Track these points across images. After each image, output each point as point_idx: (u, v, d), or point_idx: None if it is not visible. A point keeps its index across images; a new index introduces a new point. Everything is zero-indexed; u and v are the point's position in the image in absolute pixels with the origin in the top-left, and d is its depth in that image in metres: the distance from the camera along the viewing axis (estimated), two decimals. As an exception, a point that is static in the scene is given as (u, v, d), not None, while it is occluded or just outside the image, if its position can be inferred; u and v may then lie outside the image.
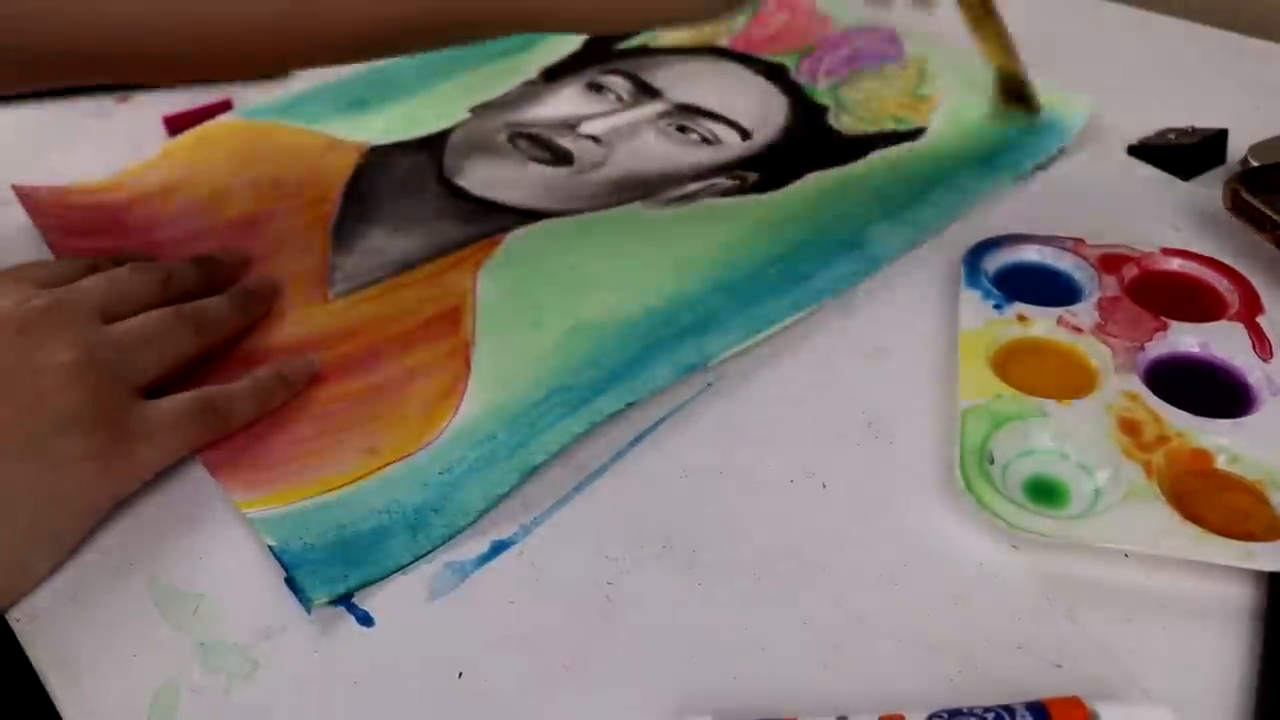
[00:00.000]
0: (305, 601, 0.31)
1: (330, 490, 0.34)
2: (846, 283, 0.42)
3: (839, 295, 0.42)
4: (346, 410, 0.38)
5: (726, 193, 0.48)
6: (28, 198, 0.50)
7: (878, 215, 0.46)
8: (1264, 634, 0.29)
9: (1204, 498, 0.32)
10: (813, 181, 0.49)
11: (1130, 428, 0.34)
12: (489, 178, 0.51)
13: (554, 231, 0.46)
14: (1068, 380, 0.36)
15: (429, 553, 0.33)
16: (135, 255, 0.45)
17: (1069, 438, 0.34)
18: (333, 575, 0.32)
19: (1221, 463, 0.33)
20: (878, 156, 0.50)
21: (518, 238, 0.46)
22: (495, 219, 0.48)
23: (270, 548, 0.32)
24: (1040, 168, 0.49)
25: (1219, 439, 0.33)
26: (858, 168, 0.49)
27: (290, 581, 0.32)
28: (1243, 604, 0.30)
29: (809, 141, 0.52)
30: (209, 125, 0.56)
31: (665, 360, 0.38)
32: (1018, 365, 0.37)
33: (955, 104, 0.53)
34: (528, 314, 0.41)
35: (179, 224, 0.49)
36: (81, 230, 0.48)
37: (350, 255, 0.46)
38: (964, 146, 0.50)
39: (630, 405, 0.37)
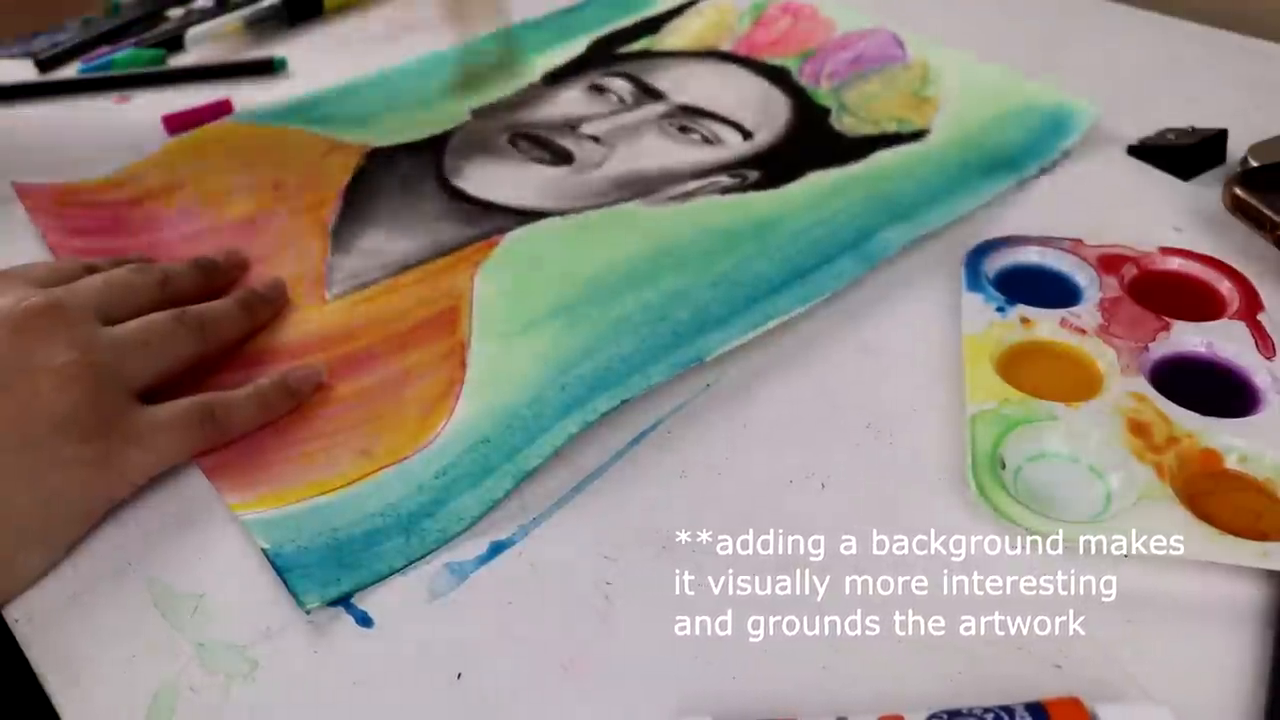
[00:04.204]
0: (298, 604, 0.31)
1: (325, 493, 0.34)
2: (846, 279, 0.42)
3: (838, 292, 0.41)
4: (342, 412, 0.38)
5: (727, 190, 0.48)
6: (28, 196, 0.50)
7: (879, 213, 0.45)
8: (1276, 634, 0.29)
9: (1215, 498, 0.32)
10: (814, 180, 0.49)
11: (1140, 430, 0.34)
12: (488, 178, 0.51)
13: (551, 230, 0.46)
14: (1074, 382, 0.36)
15: (423, 557, 0.32)
16: (134, 256, 0.45)
17: (1080, 441, 0.34)
18: (325, 578, 0.31)
19: (1231, 462, 0.33)
20: (880, 157, 0.50)
21: (515, 238, 0.46)
22: (494, 219, 0.47)
23: (263, 550, 0.32)
24: (1044, 170, 0.49)
25: (1228, 439, 0.33)
26: (859, 167, 0.49)
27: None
28: (1246, 605, 0.30)
29: (811, 142, 0.52)
30: (210, 127, 0.56)
31: (661, 357, 0.38)
32: (1023, 368, 0.37)
33: (958, 107, 0.53)
34: (524, 314, 0.41)
35: (179, 224, 0.49)
36: (81, 230, 0.48)
37: (349, 256, 0.46)
38: (967, 149, 0.50)
39: (627, 404, 0.36)
